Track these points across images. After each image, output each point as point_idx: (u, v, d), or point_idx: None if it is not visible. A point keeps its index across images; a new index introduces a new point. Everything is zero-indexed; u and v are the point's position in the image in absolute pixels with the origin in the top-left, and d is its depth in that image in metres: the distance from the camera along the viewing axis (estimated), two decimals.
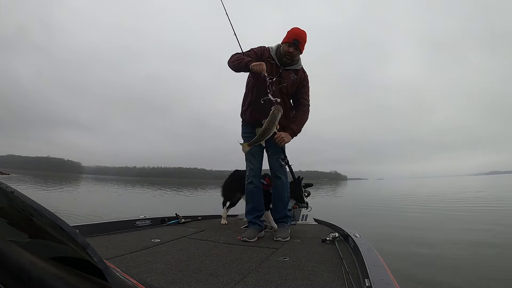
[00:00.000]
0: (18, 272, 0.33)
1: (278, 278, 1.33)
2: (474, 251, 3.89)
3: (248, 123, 2.38)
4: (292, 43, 2.19)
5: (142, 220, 2.63)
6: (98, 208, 8.74)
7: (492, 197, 13.44)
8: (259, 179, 2.42)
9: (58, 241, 0.36)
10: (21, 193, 0.34)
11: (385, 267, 1.26)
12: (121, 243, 1.93)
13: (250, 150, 2.34)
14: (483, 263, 3.30)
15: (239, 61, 2.13)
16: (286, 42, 2.22)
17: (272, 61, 2.26)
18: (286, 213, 2.40)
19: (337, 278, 1.32)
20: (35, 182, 23.95)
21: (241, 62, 2.11)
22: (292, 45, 2.19)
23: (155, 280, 1.29)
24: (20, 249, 0.33)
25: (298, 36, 2.19)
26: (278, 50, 2.28)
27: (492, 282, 2.69)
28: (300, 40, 2.20)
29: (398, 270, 2.98)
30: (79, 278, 0.34)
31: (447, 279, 2.85)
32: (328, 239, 2.05)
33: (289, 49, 2.19)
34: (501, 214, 7.29)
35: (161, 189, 24.40)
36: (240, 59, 2.13)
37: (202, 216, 3.21)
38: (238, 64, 2.13)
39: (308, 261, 1.61)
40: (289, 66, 2.28)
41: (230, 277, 1.34)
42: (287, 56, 2.22)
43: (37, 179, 30.20)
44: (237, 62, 2.14)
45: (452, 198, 14.20)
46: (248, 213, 2.41)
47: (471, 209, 8.94)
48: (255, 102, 2.26)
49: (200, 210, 4.62)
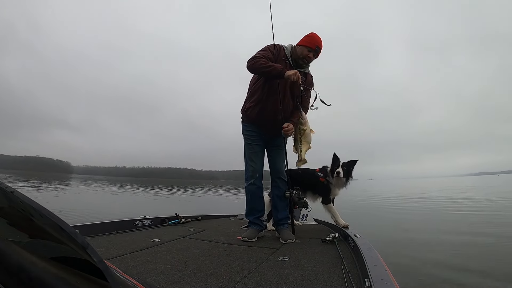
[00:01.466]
0: (18, 272, 0.33)
1: (278, 278, 1.33)
2: (474, 251, 3.90)
3: (253, 120, 2.34)
4: (314, 50, 2.25)
5: (142, 220, 2.63)
6: (97, 208, 8.73)
7: (487, 198, 13.46)
8: (261, 179, 2.39)
9: (58, 241, 0.36)
10: (21, 193, 0.34)
11: (385, 267, 1.26)
12: (121, 243, 1.93)
13: (252, 149, 2.35)
14: (483, 263, 3.30)
15: (268, 67, 2.11)
16: (307, 46, 2.24)
17: (286, 61, 2.28)
18: (288, 214, 2.38)
19: (337, 278, 1.32)
20: (25, 182, 23.57)
21: (273, 69, 2.10)
22: (313, 51, 2.25)
23: (155, 280, 1.29)
24: (20, 249, 0.33)
25: (319, 44, 2.26)
26: (293, 51, 2.30)
27: (498, 283, 2.68)
28: (320, 48, 2.28)
29: (398, 270, 2.98)
30: (79, 278, 0.34)
31: (447, 279, 2.85)
32: (328, 239, 2.04)
33: (308, 54, 2.25)
34: (499, 216, 7.28)
35: (158, 189, 24.29)
36: (269, 65, 2.12)
37: (202, 216, 3.22)
38: (268, 70, 2.12)
39: (308, 261, 1.61)
40: (301, 68, 2.31)
41: (230, 277, 1.34)
42: (305, 60, 2.27)
43: (27, 179, 29.93)
44: (265, 67, 2.12)
45: (446, 198, 14.25)
46: (248, 213, 2.39)
47: (469, 209, 8.94)
48: (265, 100, 2.25)
49: (200, 210, 4.62)
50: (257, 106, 2.28)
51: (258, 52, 2.21)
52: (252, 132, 2.36)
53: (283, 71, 2.10)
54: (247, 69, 2.22)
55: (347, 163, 2.61)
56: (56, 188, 18.61)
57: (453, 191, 20.54)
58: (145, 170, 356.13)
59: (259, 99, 2.27)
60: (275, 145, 2.39)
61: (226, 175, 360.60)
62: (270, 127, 2.30)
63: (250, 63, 2.17)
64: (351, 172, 2.63)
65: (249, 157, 2.36)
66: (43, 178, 36.63)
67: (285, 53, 2.29)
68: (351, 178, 2.64)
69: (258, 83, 2.30)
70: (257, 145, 2.35)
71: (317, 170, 2.70)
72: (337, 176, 2.56)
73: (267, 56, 2.20)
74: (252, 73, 2.28)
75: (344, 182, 2.62)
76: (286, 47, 2.32)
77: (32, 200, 0.33)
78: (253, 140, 2.35)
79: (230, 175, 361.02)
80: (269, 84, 2.24)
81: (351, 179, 2.65)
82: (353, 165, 2.64)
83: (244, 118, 2.41)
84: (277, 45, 2.30)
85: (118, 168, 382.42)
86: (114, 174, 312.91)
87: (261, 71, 2.17)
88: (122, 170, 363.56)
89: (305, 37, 2.27)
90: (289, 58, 2.29)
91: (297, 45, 2.30)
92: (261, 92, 2.26)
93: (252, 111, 2.30)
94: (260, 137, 2.36)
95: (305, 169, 2.76)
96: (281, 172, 2.38)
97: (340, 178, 2.57)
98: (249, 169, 2.35)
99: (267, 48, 2.25)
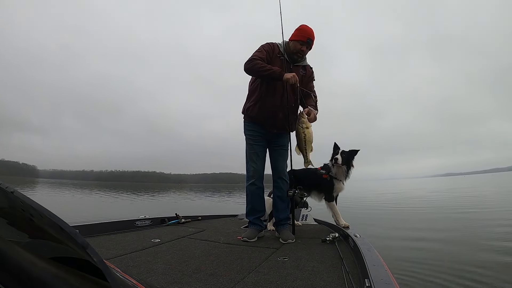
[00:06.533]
0: (18, 272, 0.33)
1: (278, 278, 1.33)
2: (473, 250, 3.89)
3: (254, 118, 2.34)
4: (306, 42, 2.25)
5: (142, 220, 2.63)
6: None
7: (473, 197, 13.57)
8: (262, 180, 2.39)
9: (58, 241, 0.36)
10: (21, 193, 0.34)
11: (385, 267, 1.26)
12: (121, 243, 1.93)
13: (254, 149, 2.34)
14: (483, 263, 3.30)
15: (266, 71, 2.12)
16: (299, 40, 2.25)
17: (282, 57, 2.28)
18: (288, 214, 2.38)
19: (337, 278, 1.32)
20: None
21: (272, 73, 2.12)
22: (305, 44, 2.25)
23: (155, 280, 1.29)
24: (20, 249, 0.33)
25: (310, 35, 2.26)
26: (287, 46, 2.30)
27: (508, 285, 2.68)
28: (312, 39, 2.27)
29: (398, 270, 2.98)
30: (79, 278, 0.34)
31: (447, 278, 2.85)
32: (328, 239, 2.05)
33: (301, 48, 2.25)
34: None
35: (133, 193, 23.89)
36: (268, 68, 2.13)
37: (202, 216, 3.22)
38: (266, 73, 2.13)
39: (308, 261, 1.61)
40: (298, 62, 2.33)
41: (230, 277, 1.34)
42: (299, 54, 2.27)
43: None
44: (263, 71, 2.13)
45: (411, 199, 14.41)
46: (248, 213, 2.39)
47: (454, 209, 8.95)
48: (264, 98, 2.26)
49: (199, 210, 4.62)
50: (257, 104, 2.29)
51: (254, 54, 2.22)
52: (253, 132, 2.35)
53: (281, 74, 2.11)
54: (244, 72, 2.22)
55: (347, 152, 2.62)
56: (24, 193, 18.35)
57: (447, 191, 20.56)
58: (113, 174, 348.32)
59: (258, 98, 2.28)
60: (277, 145, 2.39)
61: (195, 178, 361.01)
62: (272, 124, 2.30)
63: (247, 66, 2.17)
64: (351, 161, 2.62)
65: (250, 157, 2.35)
66: (9, 183, 36.44)
67: (280, 50, 2.30)
68: (352, 168, 2.63)
69: (255, 83, 2.31)
70: (258, 145, 2.35)
71: (318, 168, 2.71)
72: (335, 163, 2.57)
73: (263, 56, 2.20)
74: (249, 75, 2.29)
75: (345, 171, 2.61)
76: (280, 44, 2.32)
77: (32, 200, 0.33)
78: (255, 140, 2.35)
79: (199, 178, 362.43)
80: (267, 84, 2.25)
81: (353, 168, 2.64)
82: (354, 155, 2.64)
83: (245, 118, 2.41)
84: (271, 44, 2.31)
85: (85, 172, 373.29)
86: (82, 178, 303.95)
87: (260, 74, 2.18)
88: (90, 174, 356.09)
89: (296, 31, 2.28)
90: (284, 54, 2.29)
91: (290, 40, 2.30)
92: (260, 91, 2.27)
93: (253, 110, 2.31)
94: (261, 136, 2.35)
95: (307, 168, 2.77)
96: (283, 172, 2.38)
97: (340, 165, 2.57)
98: (250, 169, 2.34)
99: (262, 49, 2.26)
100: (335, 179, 2.62)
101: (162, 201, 16.58)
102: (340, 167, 2.59)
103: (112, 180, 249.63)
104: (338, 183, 2.62)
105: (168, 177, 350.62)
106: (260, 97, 2.27)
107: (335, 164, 2.58)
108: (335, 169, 2.61)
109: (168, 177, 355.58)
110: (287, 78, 2.09)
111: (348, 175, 2.64)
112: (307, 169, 2.76)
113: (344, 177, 2.63)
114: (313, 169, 2.73)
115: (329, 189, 2.62)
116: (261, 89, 2.27)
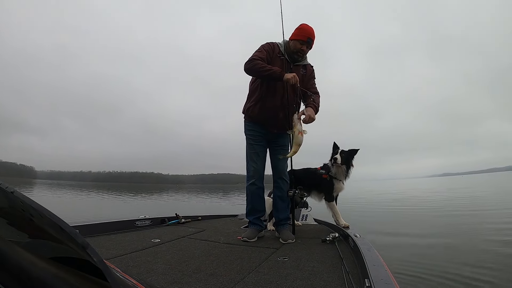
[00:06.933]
0: (18, 272, 0.33)
1: (278, 278, 1.33)
2: (473, 250, 3.89)
3: (255, 118, 2.34)
4: (306, 42, 2.24)
5: (142, 220, 2.63)
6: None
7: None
8: (262, 180, 2.39)
9: (58, 241, 0.36)
10: (21, 193, 0.34)
11: (385, 267, 1.26)
12: (121, 243, 1.93)
13: (254, 149, 2.34)
14: (483, 263, 3.30)
15: (267, 71, 2.12)
16: (299, 39, 2.24)
17: (282, 57, 2.28)
18: (288, 214, 2.38)
19: (337, 278, 1.32)
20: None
21: (272, 73, 2.11)
22: (305, 43, 2.24)
23: (155, 280, 1.29)
24: (20, 249, 0.33)
25: (311, 35, 2.25)
26: (287, 46, 2.29)
27: (508, 284, 2.68)
28: (312, 39, 2.26)
29: (398, 270, 2.98)
30: (79, 278, 0.34)
31: (447, 278, 2.85)
32: (328, 239, 2.05)
33: (302, 47, 2.24)
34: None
35: (131, 193, 23.79)
36: (268, 68, 2.12)
37: (202, 216, 3.22)
38: (267, 74, 2.12)
39: (308, 261, 1.61)
40: (298, 62, 2.32)
41: (230, 277, 1.34)
42: (299, 53, 2.27)
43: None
44: (264, 71, 2.12)
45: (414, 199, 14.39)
46: (248, 213, 2.39)
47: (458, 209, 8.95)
48: (264, 98, 2.26)
49: (199, 210, 4.62)
50: (258, 104, 2.29)
51: (254, 54, 2.22)
52: (254, 132, 2.35)
53: (282, 74, 2.10)
54: (244, 72, 2.22)
55: (346, 151, 2.61)
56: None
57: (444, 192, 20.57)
58: (111, 175, 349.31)
59: (258, 98, 2.28)
60: (278, 145, 2.38)
61: (193, 179, 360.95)
62: (272, 124, 2.30)
63: (248, 66, 2.17)
64: (350, 160, 2.62)
65: (250, 157, 2.35)
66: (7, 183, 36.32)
67: (280, 49, 2.29)
68: (352, 167, 2.63)
69: (256, 83, 2.31)
70: (258, 145, 2.34)
71: (318, 168, 2.71)
72: (334, 162, 2.56)
73: (263, 56, 2.20)
74: (250, 75, 2.28)
75: (345, 170, 2.61)
76: (280, 43, 2.32)
77: (32, 200, 0.33)
78: (255, 140, 2.35)
79: (197, 179, 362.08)
80: (267, 84, 2.25)
81: (352, 168, 2.63)
82: (353, 154, 2.63)
83: (246, 118, 2.41)
84: (271, 43, 2.30)
85: (83, 172, 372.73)
86: (80, 179, 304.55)
87: (260, 74, 2.17)
88: (88, 175, 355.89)
89: (296, 30, 2.27)
90: (284, 54, 2.29)
91: (290, 40, 2.29)
92: (260, 91, 2.27)
93: (253, 110, 2.31)
94: (262, 136, 2.35)
95: (307, 168, 2.76)
96: (283, 172, 2.37)
97: (339, 165, 2.57)
98: (250, 169, 2.34)
99: (262, 49, 2.26)
100: (335, 179, 2.62)
101: (162, 201, 16.59)
102: (339, 166, 2.58)
103: (110, 181, 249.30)
104: (338, 183, 2.62)
105: (166, 178, 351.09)
106: (261, 97, 2.27)
107: (334, 164, 2.58)
108: (334, 169, 2.60)
109: (166, 178, 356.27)
110: (287, 79, 2.08)
111: (348, 174, 2.63)
112: (307, 169, 2.75)
113: (344, 177, 2.62)
114: (312, 169, 2.73)
115: (329, 189, 2.62)
116: (262, 89, 2.27)
